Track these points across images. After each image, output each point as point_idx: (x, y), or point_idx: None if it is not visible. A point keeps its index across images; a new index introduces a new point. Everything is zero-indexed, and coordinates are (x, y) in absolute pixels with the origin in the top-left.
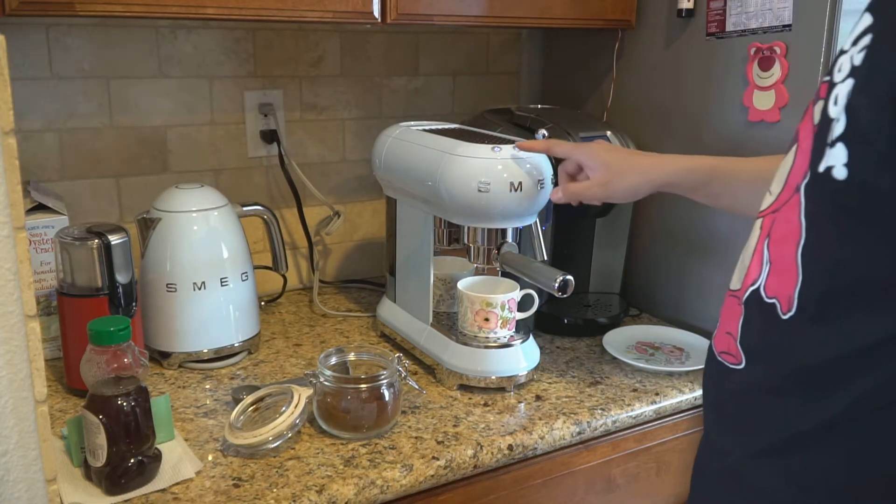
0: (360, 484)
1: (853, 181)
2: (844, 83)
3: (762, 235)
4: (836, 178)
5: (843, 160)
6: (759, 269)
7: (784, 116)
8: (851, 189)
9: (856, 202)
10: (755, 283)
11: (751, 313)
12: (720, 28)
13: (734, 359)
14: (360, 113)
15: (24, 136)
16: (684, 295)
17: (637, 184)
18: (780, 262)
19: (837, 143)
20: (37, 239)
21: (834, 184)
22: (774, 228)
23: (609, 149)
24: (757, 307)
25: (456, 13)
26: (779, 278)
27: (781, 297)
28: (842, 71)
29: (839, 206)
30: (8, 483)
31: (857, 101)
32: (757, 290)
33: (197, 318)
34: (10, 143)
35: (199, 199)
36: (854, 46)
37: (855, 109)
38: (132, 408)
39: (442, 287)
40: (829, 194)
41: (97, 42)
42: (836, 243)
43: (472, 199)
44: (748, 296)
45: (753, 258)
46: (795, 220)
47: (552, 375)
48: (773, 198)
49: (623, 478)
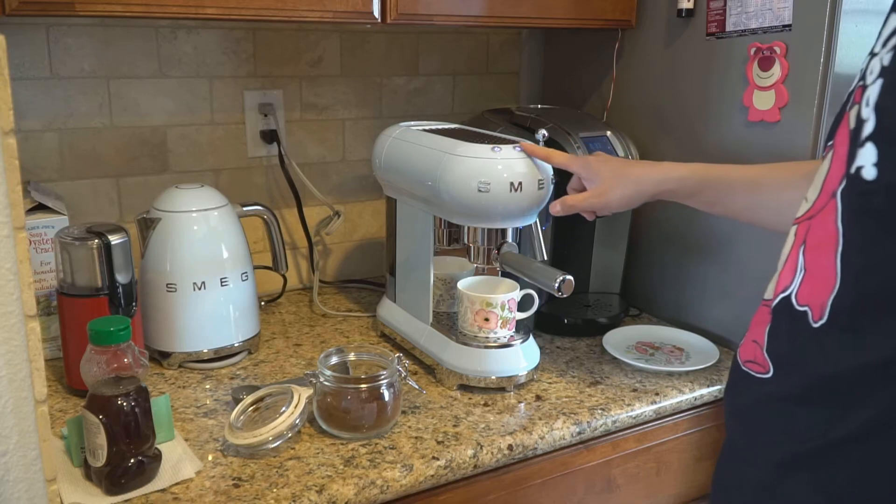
0: (360, 484)
1: (882, 181)
2: (875, 84)
3: (797, 242)
4: (866, 178)
5: (873, 160)
6: (791, 277)
7: (784, 116)
8: (880, 190)
9: (884, 204)
10: (786, 290)
11: (779, 321)
12: (720, 28)
13: (761, 368)
14: (360, 113)
15: (24, 136)
16: (684, 295)
17: (630, 194)
18: (816, 269)
19: (867, 143)
20: (37, 239)
21: (863, 184)
22: (810, 235)
23: (605, 160)
24: (787, 315)
25: (456, 13)
26: (813, 285)
27: (814, 304)
28: (873, 73)
29: (868, 208)
30: (8, 483)
31: (886, 101)
32: (788, 298)
33: (197, 318)
34: (10, 143)
35: (199, 199)
36: (884, 48)
37: (884, 109)
38: (132, 408)
39: (442, 287)
40: (859, 195)
41: (97, 42)
42: (866, 248)
43: (472, 199)
44: (777, 303)
45: (786, 265)
46: (832, 226)
47: (552, 375)
48: (809, 204)
49: (623, 478)
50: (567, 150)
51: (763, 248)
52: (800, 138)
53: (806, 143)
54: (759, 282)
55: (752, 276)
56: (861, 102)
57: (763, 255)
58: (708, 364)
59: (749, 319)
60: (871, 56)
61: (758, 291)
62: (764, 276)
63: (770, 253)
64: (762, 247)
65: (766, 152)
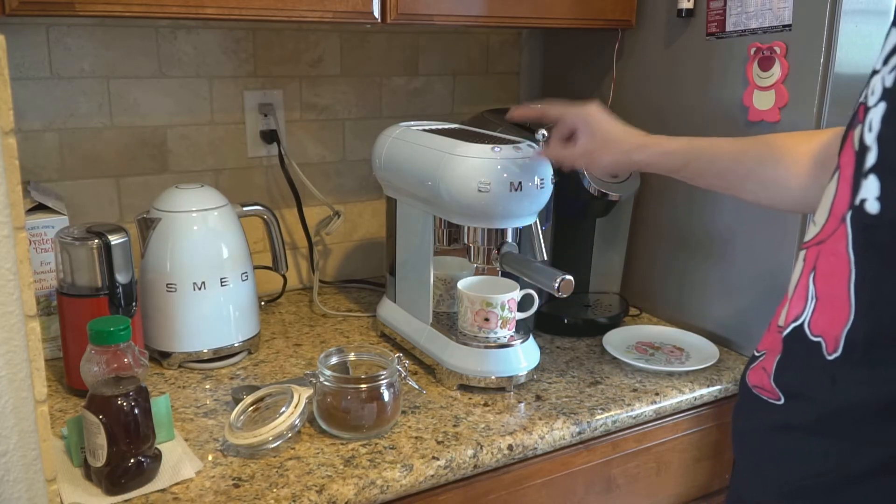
0: (360, 484)
1: (885, 217)
2: (877, 107)
3: (806, 269)
4: (869, 212)
5: (876, 193)
6: (802, 305)
7: (784, 116)
8: (884, 225)
9: (888, 240)
10: (798, 319)
11: (791, 351)
12: (720, 28)
13: (771, 395)
14: (360, 113)
15: (24, 136)
16: (684, 295)
17: (618, 161)
18: (829, 298)
19: (870, 175)
20: (37, 239)
21: (867, 218)
22: (820, 262)
23: (601, 118)
24: (800, 345)
25: (456, 13)
26: (827, 315)
27: (828, 336)
28: (875, 93)
29: (873, 243)
30: (8, 483)
31: (887, 132)
32: (800, 327)
33: (197, 318)
34: (10, 143)
35: (199, 199)
36: (885, 66)
37: (886, 140)
38: (132, 408)
39: (442, 287)
40: (864, 230)
41: (97, 42)
42: (877, 280)
43: (472, 199)
44: (789, 332)
45: (796, 292)
46: (843, 253)
47: (552, 375)
48: (818, 228)
49: (623, 478)
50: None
51: (763, 248)
52: None
53: None
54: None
55: (753, 276)
56: (864, 123)
57: (763, 255)
58: (708, 364)
59: (749, 319)
60: (873, 73)
61: (758, 291)
62: (764, 276)
63: (770, 252)
64: (762, 246)
65: None
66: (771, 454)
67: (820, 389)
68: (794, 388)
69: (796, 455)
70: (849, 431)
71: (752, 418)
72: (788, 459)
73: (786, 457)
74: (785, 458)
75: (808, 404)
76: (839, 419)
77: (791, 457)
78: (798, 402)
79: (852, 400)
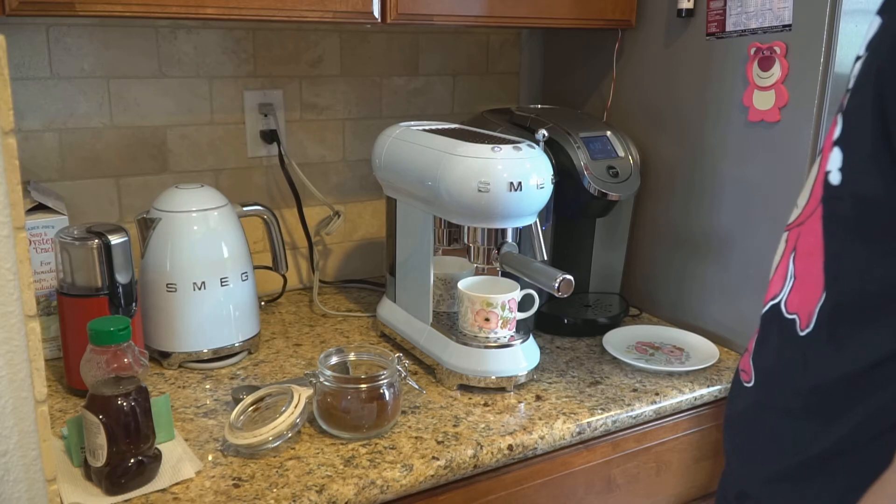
0: (360, 484)
1: (846, 188)
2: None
3: (787, 249)
4: (832, 183)
5: (838, 164)
6: (781, 284)
7: (784, 116)
8: (845, 196)
9: (850, 211)
10: (776, 297)
11: (768, 329)
12: (720, 28)
13: (747, 376)
14: (360, 113)
15: (24, 136)
16: (684, 295)
17: None
18: (805, 277)
19: (835, 147)
20: (37, 239)
21: (831, 189)
22: (800, 242)
23: None
24: (776, 323)
25: (456, 13)
26: (802, 293)
27: (802, 313)
28: (853, 78)
29: (836, 214)
30: (8, 483)
31: (850, 105)
32: (777, 306)
33: (197, 318)
34: (10, 143)
35: (199, 199)
36: (868, 51)
37: (847, 113)
38: (132, 408)
39: (442, 287)
40: (828, 200)
41: (97, 42)
42: (840, 255)
43: (472, 199)
44: (767, 310)
45: (777, 272)
46: (819, 231)
47: (552, 375)
48: (800, 210)
49: (623, 478)
50: (567, 149)
51: (763, 248)
52: (800, 138)
53: (806, 143)
54: (759, 282)
55: (752, 276)
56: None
57: (763, 255)
58: (708, 364)
59: (748, 319)
60: (856, 60)
61: (758, 291)
62: (764, 276)
63: (770, 252)
64: (762, 247)
65: (766, 152)
66: (748, 438)
67: (789, 367)
68: (765, 367)
69: (769, 438)
70: (818, 410)
71: (734, 403)
72: (764, 443)
73: (761, 440)
74: (762, 442)
75: (777, 383)
76: (809, 398)
77: (765, 440)
78: (767, 381)
79: (820, 378)
